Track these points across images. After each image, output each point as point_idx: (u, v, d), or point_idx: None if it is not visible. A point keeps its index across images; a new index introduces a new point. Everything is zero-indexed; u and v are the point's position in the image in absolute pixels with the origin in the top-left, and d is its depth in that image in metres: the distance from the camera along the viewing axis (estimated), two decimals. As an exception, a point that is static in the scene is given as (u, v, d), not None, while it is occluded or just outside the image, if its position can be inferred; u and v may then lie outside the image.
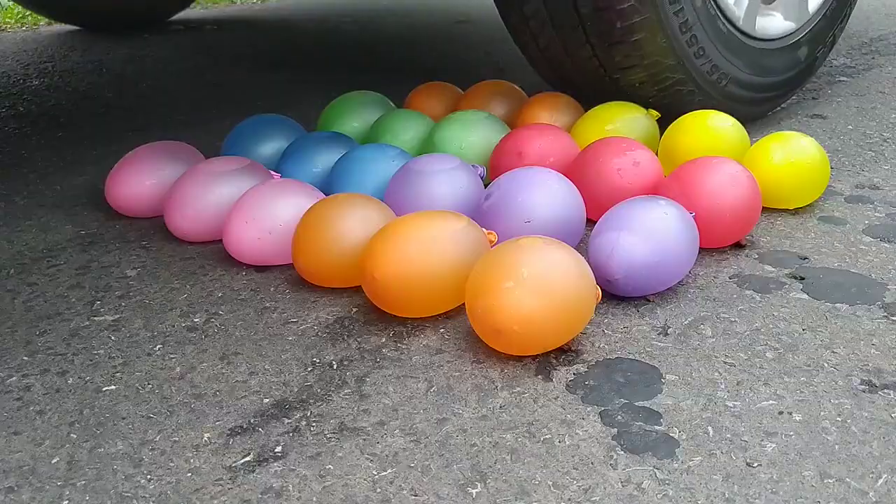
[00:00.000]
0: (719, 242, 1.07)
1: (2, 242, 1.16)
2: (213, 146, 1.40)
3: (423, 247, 0.88)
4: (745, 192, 1.04)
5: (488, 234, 0.95)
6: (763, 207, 1.16)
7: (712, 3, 1.39)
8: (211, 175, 1.12)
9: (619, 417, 0.75)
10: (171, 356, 0.86)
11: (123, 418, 0.76)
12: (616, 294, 0.94)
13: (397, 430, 0.74)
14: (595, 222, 1.00)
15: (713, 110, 1.29)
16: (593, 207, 1.09)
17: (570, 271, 0.83)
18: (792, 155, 1.16)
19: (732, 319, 0.91)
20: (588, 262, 0.90)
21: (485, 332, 0.83)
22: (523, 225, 0.98)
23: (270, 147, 1.30)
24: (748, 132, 1.30)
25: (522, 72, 2.15)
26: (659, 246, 0.91)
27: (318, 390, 0.80)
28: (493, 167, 1.21)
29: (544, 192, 1.00)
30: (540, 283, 0.80)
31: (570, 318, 0.82)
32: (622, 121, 1.29)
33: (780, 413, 0.75)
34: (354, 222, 0.96)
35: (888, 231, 1.13)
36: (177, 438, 0.73)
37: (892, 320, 0.90)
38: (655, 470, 0.68)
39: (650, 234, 0.92)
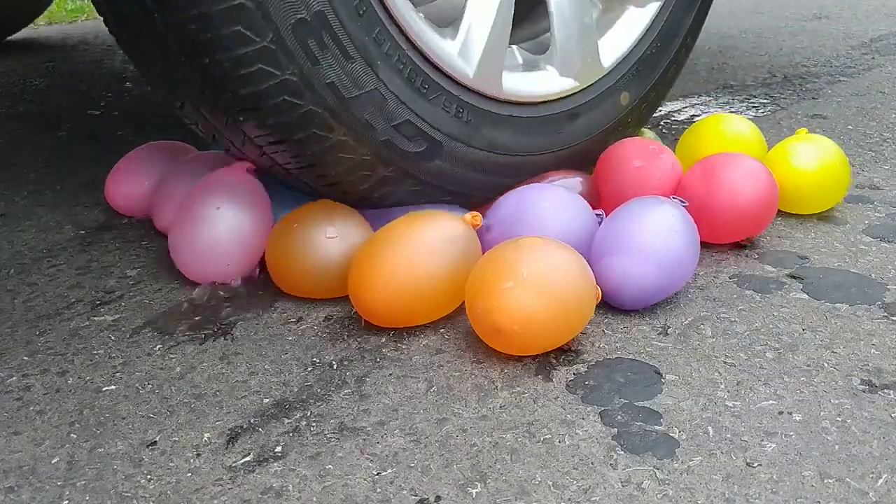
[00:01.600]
0: (733, 237, 1.07)
1: (2, 242, 1.16)
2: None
3: (412, 271, 0.85)
4: (763, 188, 1.04)
5: (473, 217, 0.91)
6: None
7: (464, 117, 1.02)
8: (195, 175, 1.11)
9: (619, 417, 0.75)
10: (171, 356, 0.86)
11: (123, 418, 0.76)
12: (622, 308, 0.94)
13: (397, 430, 0.74)
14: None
15: (731, 114, 1.28)
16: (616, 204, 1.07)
17: (571, 271, 0.83)
18: (816, 159, 1.14)
19: (732, 319, 0.91)
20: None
21: (485, 332, 0.83)
22: None
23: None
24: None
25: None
26: (668, 267, 0.90)
27: (318, 390, 0.80)
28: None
29: (553, 212, 0.96)
30: (540, 283, 0.80)
31: (571, 318, 0.82)
32: None
33: (780, 413, 0.75)
34: (328, 237, 0.93)
35: (888, 231, 1.13)
36: (177, 438, 0.73)
37: (892, 320, 0.90)
38: (655, 470, 0.68)
39: (660, 256, 0.90)
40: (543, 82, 1.13)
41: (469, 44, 1.02)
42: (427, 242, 0.87)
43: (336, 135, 0.91)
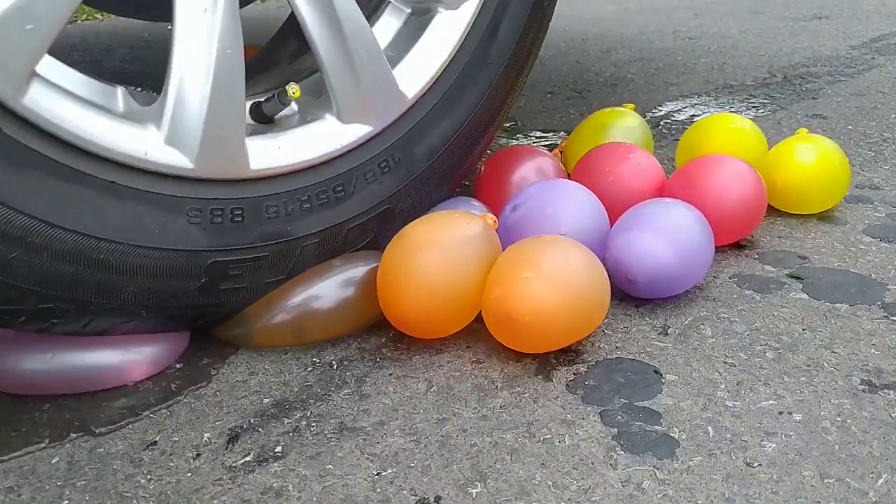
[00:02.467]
0: (724, 240, 1.07)
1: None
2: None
3: (449, 281, 0.82)
4: (752, 190, 1.04)
5: (487, 218, 0.89)
6: (768, 208, 1.17)
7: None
8: None
9: (619, 417, 0.75)
10: (171, 356, 0.86)
11: (123, 418, 0.76)
12: (632, 295, 0.94)
13: (397, 430, 0.74)
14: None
15: (730, 113, 1.28)
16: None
17: (588, 272, 0.82)
18: (816, 159, 1.14)
19: (732, 319, 0.91)
20: (607, 259, 0.90)
21: (497, 321, 0.82)
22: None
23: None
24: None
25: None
26: (684, 253, 0.90)
27: (318, 390, 0.80)
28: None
29: (574, 206, 0.96)
30: (558, 278, 0.80)
31: (581, 318, 0.82)
32: (618, 127, 1.28)
33: (780, 413, 0.75)
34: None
35: (888, 231, 1.13)
36: (177, 438, 0.73)
37: (892, 320, 0.90)
38: (655, 470, 0.68)
39: (677, 240, 0.91)
40: (444, 36, 0.94)
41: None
42: (456, 244, 0.84)
43: None
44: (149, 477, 0.68)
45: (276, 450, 0.71)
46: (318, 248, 0.87)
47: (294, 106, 0.90)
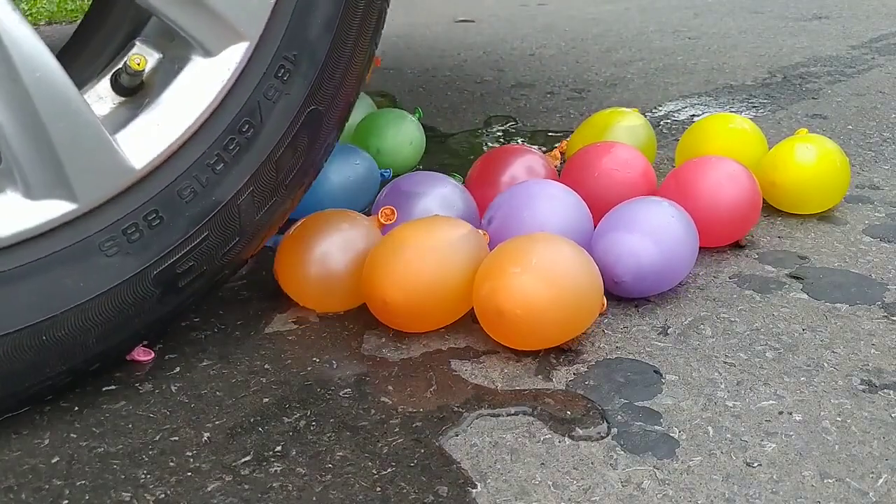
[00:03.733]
0: (718, 241, 1.06)
1: (2, 242, 1.16)
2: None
3: (432, 266, 0.84)
4: (743, 191, 1.04)
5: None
6: (768, 208, 1.17)
7: None
8: None
9: (619, 417, 0.75)
10: (171, 356, 0.86)
11: (123, 418, 0.76)
12: (621, 295, 0.94)
13: (397, 430, 0.74)
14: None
15: (731, 113, 1.28)
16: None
17: (579, 268, 0.83)
18: (815, 159, 1.14)
19: (732, 319, 0.91)
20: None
21: (488, 316, 0.82)
22: None
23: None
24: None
25: (524, 70, 2.15)
26: (667, 248, 0.91)
27: (318, 390, 0.80)
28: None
29: (548, 205, 0.95)
30: (547, 273, 0.81)
31: (573, 313, 0.82)
32: (620, 127, 1.28)
33: (780, 413, 0.75)
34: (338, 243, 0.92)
35: (888, 231, 1.13)
36: (176, 438, 0.73)
37: (892, 320, 0.90)
38: (655, 470, 0.68)
39: (658, 236, 0.91)
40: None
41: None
42: (445, 240, 0.86)
43: None
44: (149, 477, 0.68)
45: (276, 449, 0.71)
46: (255, 194, 0.78)
47: (154, 56, 0.76)
